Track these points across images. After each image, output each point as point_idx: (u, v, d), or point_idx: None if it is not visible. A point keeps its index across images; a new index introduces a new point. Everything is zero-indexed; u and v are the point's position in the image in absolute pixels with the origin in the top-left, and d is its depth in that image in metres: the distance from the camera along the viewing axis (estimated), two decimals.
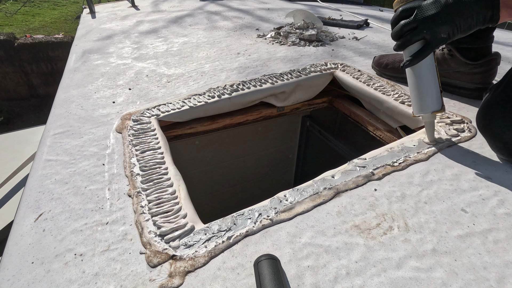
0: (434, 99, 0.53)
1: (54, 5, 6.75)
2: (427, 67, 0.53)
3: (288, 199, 0.47)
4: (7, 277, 0.38)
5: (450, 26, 0.49)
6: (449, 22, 0.48)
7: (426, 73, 0.53)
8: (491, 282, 0.36)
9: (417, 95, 0.54)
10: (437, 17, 0.49)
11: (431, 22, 0.49)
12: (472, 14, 0.47)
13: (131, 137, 0.61)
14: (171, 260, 0.39)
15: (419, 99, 0.54)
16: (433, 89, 0.53)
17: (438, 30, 0.49)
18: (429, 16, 0.49)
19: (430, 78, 0.53)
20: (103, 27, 1.39)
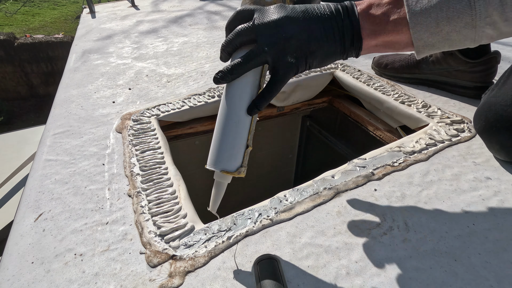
0: (226, 156, 0.37)
1: (54, 5, 6.75)
2: (235, 117, 0.36)
3: (288, 199, 0.47)
4: (7, 277, 0.38)
5: (301, 47, 0.33)
6: (301, 42, 0.33)
7: (230, 123, 0.36)
8: (491, 282, 0.36)
9: (212, 144, 0.38)
10: (281, 29, 0.33)
11: (274, 33, 0.33)
12: (324, 38, 0.34)
13: (131, 137, 0.61)
14: (171, 260, 0.39)
15: (211, 150, 0.38)
16: (231, 145, 0.37)
17: (285, 47, 0.33)
18: (269, 23, 0.33)
19: (237, 127, 0.36)
20: (103, 27, 1.39)
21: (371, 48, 0.36)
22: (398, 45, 0.35)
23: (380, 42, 0.35)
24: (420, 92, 0.77)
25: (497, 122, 0.50)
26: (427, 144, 0.57)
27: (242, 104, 0.36)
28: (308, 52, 0.34)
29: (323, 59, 0.36)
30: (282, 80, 0.35)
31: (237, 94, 0.36)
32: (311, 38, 0.34)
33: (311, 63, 0.35)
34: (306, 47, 0.34)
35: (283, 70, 0.35)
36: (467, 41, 0.33)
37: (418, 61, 0.78)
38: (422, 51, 0.35)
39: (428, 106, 0.69)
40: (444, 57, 0.73)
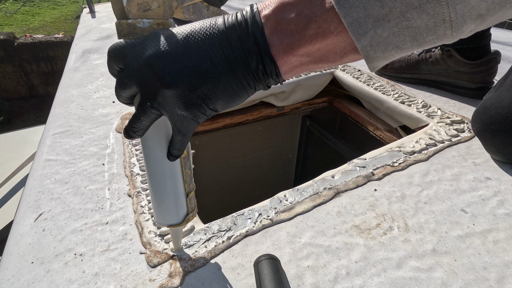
0: (168, 212, 0.35)
1: (54, 4, 6.74)
2: (161, 170, 0.32)
3: (288, 199, 0.47)
4: (7, 277, 0.38)
5: (185, 96, 0.25)
6: (182, 88, 0.25)
7: (160, 175, 0.33)
8: (491, 282, 0.36)
9: (152, 201, 0.35)
10: (155, 75, 0.25)
11: (149, 83, 0.26)
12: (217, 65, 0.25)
13: None
14: (171, 260, 0.39)
15: (153, 207, 0.36)
16: (168, 200, 0.34)
17: (166, 101, 0.26)
18: (142, 71, 0.26)
19: (166, 185, 0.33)
20: (103, 26, 1.39)
21: (294, 68, 0.26)
22: (333, 55, 0.24)
23: (305, 57, 0.25)
24: (420, 92, 0.77)
25: (492, 124, 0.51)
26: (427, 144, 0.57)
27: (161, 156, 0.31)
28: (200, 99, 0.25)
29: (227, 101, 0.27)
30: (184, 134, 0.29)
31: (151, 149, 0.31)
32: (197, 81, 0.25)
33: (213, 108, 0.27)
34: (193, 94, 0.25)
35: (178, 123, 0.28)
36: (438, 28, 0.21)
37: (418, 62, 0.78)
38: (373, 55, 0.23)
39: (428, 106, 0.69)
40: (443, 59, 0.73)
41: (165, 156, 0.31)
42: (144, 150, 0.32)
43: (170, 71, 0.25)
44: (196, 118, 0.27)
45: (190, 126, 0.28)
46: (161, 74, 0.25)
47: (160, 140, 0.31)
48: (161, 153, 0.31)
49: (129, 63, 0.26)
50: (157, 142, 0.31)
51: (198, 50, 0.25)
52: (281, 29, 0.24)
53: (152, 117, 0.28)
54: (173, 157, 0.31)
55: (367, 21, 0.21)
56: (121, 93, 0.28)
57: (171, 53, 0.25)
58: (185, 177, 0.34)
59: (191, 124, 0.28)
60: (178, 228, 0.37)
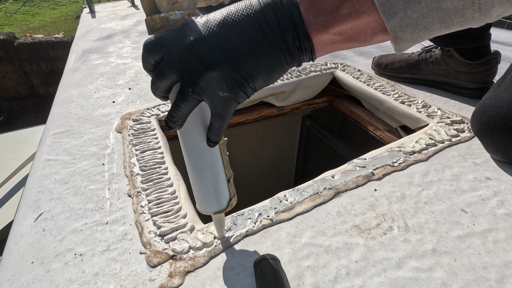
0: (214, 198, 0.36)
1: (54, 4, 6.75)
2: (202, 156, 0.33)
3: (288, 199, 0.47)
4: (7, 277, 0.38)
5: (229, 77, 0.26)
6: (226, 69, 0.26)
7: (202, 164, 0.34)
8: (491, 282, 0.36)
9: (193, 189, 0.37)
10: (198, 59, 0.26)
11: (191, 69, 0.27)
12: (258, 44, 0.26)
13: (131, 137, 0.61)
14: (171, 260, 0.39)
15: (195, 195, 0.37)
16: (213, 186, 0.35)
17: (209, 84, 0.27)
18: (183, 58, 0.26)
19: (210, 170, 0.34)
20: (103, 26, 1.39)
21: (327, 46, 0.27)
22: (364, 34, 0.26)
23: (337, 35, 0.26)
24: (420, 92, 0.77)
25: (491, 124, 0.51)
26: (427, 144, 0.57)
27: (201, 144, 0.32)
28: (242, 78, 0.27)
29: (266, 79, 0.28)
30: (223, 117, 0.29)
31: (191, 138, 0.32)
32: (239, 59, 0.26)
33: (252, 87, 0.28)
34: (236, 73, 0.26)
35: (219, 107, 0.28)
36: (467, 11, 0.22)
37: (418, 62, 0.78)
38: (401, 36, 0.24)
39: (428, 106, 0.69)
40: (444, 59, 0.73)
41: (205, 144, 0.32)
42: (184, 140, 0.33)
43: (212, 53, 0.26)
44: (237, 98, 0.28)
45: (231, 108, 0.29)
46: (204, 57, 0.26)
47: (199, 128, 0.31)
48: (201, 141, 0.32)
49: (169, 53, 0.27)
50: (196, 130, 0.31)
51: (237, 30, 0.26)
52: (316, 7, 0.25)
53: (192, 103, 0.29)
54: (213, 143, 0.32)
55: (398, 2, 0.22)
56: (159, 85, 0.29)
57: (211, 36, 0.26)
58: (225, 163, 0.35)
59: (232, 106, 0.29)
60: (221, 215, 0.38)
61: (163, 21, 0.28)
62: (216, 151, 0.34)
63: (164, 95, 0.30)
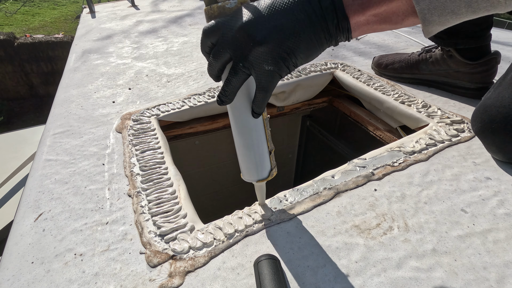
0: (258, 166, 0.40)
1: (54, 4, 6.75)
2: (248, 126, 0.38)
3: (288, 199, 0.47)
4: (7, 277, 0.38)
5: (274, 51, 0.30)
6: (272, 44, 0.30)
7: (247, 134, 0.38)
8: (491, 282, 0.36)
9: (239, 159, 0.42)
10: (248, 37, 0.30)
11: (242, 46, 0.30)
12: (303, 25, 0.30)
13: (131, 137, 0.61)
14: (171, 260, 0.39)
15: (240, 164, 0.42)
16: (257, 155, 0.39)
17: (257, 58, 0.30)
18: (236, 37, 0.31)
19: (254, 140, 0.38)
20: (103, 26, 1.39)
21: (362, 26, 0.30)
22: (396, 16, 0.29)
23: (372, 16, 0.29)
24: (420, 92, 0.77)
25: (492, 123, 0.50)
26: (427, 144, 0.57)
27: (248, 116, 0.37)
28: (286, 53, 0.30)
29: (307, 54, 0.31)
30: (266, 90, 0.33)
31: (239, 111, 0.36)
32: (283, 36, 0.29)
33: (294, 62, 0.31)
34: (280, 49, 0.30)
35: (264, 80, 0.32)
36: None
37: (418, 62, 0.78)
38: (429, 19, 0.27)
39: (428, 106, 0.69)
40: (444, 59, 0.73)
41: (250, 116, 0.36)
42: (233, 114, 0.37)
43: (261, 31, 0.30)
44: (280, 71, 0.31)
45: (273, 82, 0.32)
46: (254, 34, 0.30)
47: (245, 102, 0.36)
48: (247, 113, 0.36)
49: (223, 34, 0.31)
50: (243, 104, 0.36)
51: (284, 11, 0.30)
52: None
53: (242, 77, 0.32)
54: (257, 114, 0.35)
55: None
56: (215, 65, 0.33)
57: (260, 18, 0.30)
58: (267, 136, 0.40)
59: (275, 79, 0.32)
60: (263, 183, 0.43)
61: (220, 10, 0.32)
62: (260, 124, 0.38)
63: (219, 75, 0.34)
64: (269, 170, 0.42)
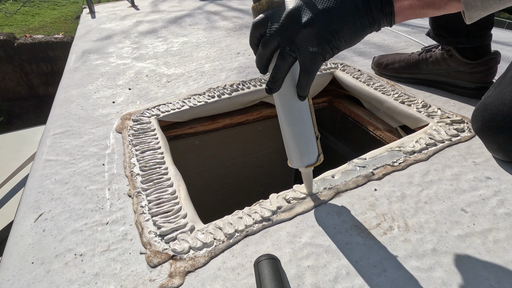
0: (305, 152, 0.42)
1: (54, 5, 6.75)
2: (295, 112, 0.40)
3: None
4: (7, 277, 0.38)
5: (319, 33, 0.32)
6: (317, 26, 0.32)
7: (294, 120, 0.40)
8: (491, 282, 0.36)
9: (285, 144, 0.44)
10: (295, 21, 0.32)
11: (289, 30, 0.33)
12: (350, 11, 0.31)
13: (131, 137, 0.61)
14: (171, 260, 0.39)
15: (287, 149, 0.44)
16: (304, 140, 0.41)
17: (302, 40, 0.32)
18: (284, 22, 0.33)
19: (301, 126, 0.40)
20: (102, 27, 1.39)
21: (405, 11, 0.31)
22: (439, 1, 0.29)
23: (416, 1, 0.30)
24: (420, 92, 0.77)
25: (493, 122, 0.50)
26: (427, 144, 0.57)
27: (294, 101, 0.39)
28: (330, 35, 0.32)
29: (350, 37, 0.32)
30: (310, 72, 0.34)
31: (286, 97, 0.39)
32: (328, 19, 0.31)
33: (337, 45, 0.32)
34: (325, 30, 0.31)
35: (308, 62, 0.33)
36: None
37: (418, 62, 0.78)
38: (472, 4, 0.27)
39: (428, 106, 0.69)
40: (444, 59, 0.73)
41: (297, 100, 0.38)
42: (281, 101, 0.39)
43: (307, 14, 0.32)
44: (324, 53, 0.33)
45: (316, 64, 0.34)
46: (300, 17, 0.32)
47: (291, 88, 0.38)
48: (294, 98, 0.38)
49: (272, 23, 0.33)
50: (289, 90, 0.38)
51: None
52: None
53: (289, 61, 0.34)
54: (302, 97, 0.37)
55: None
56: (263, 54, 0.35)
57: (307, 2, 0.32)
58: (314, 123, 0.41)
59: (318, 61, 0.33)
60: (310, 171, 0.44)
61: (268, 4, 0.35)
62: (306, 110, 0.40)
63: (267, 64, 0.36)
64: (317, 155, 0.43)
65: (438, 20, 0.71)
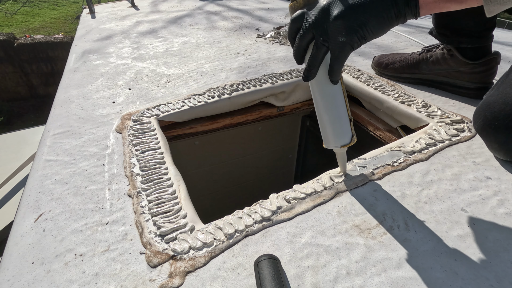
0: (340, 132, 0.46)
1: (54, 5, 6.75)
2: (329, 96, 0.44)
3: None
4: (7, 277, 0.38)
5: (348, 24, 0.36)
6: (347, 18, 0.35)
7: (329, 103, 0.44)
8: (491, 282, 0.36)
9: (321, 126, 0.47)
10: (327, 14, 0.36)
11: (322, 22, 0.37)
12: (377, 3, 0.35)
13: (131, 137, 0.61)
14: (171, 260, 0.39)
15: (323, 130, 0.47)
16: (339, 121, 0.45)
17: (333, 31, 0.36)
18: (317, 16, 0.37)
19: (335, 108, 0.44)
20: (102, 27, 1.39)
21: (430, 4, 0.33)
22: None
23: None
24: (420, 92, 0.77)
25: (495, 121, 0.50)
26: (427, 143, 0.57)
27: (328, 85, 0.42)
28: (358, 26, 0.35)
29: (377, 29, 0.36)
30: (339, 60, 0.38)
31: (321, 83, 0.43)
32: (357, 12, 0.34)
33: (364, 36, 0.36)
34: (354, 22, 0.35)
35: (338, 50, 0.37)
36: None
37: (418, 62, 0.78)
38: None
39: (428, 106, 0.69)
40: (444, 58, 0.73)
41: (330, 85, 0.42)
42: (317, 86, 0.43)
43: (338, 8, 0.35)
44: (352, 42, 0.36)
45: (345, 52, 0.37)
46: (332, 11, 0.36)
47: (324, 75, 0.41)
48: (327, 84, 0.42)
49: (308, 17, 0.38)
50: (323, 76, 0.42)
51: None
52: None
53: (323, 50, 0.38)
54: (334, 82, 0.41)
55: None
56: (300, 46, 0.39)
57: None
58: (347, 106, 0.45)
59: (346, 49, 0.37)
60: (344, 151, 0.48)
61: (304, 2, 0.40)
62: (340, 94, 0.44)
63: (303, 55, 0.41)
64: (350, 136, 0.46)
65: (442, 19, 0.71)
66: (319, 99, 0.44)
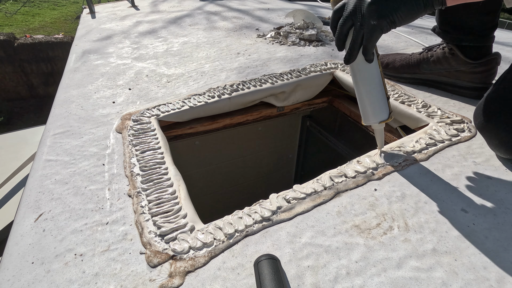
0: (378, 109, 0.50)
1: (54, 5, 6.75)
2: (368, 75, 0.48)
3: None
4: (7, 277, 0.38)
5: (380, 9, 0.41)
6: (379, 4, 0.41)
7: (368, 82, 0.49)
8: (491, 282, 0.36)
9: (361, 104, 0.51)
10: (364, 1, 0.42)
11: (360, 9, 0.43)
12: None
13: (131, 137, 0.61)
14: (171, 260, 0.39)
15: (363, 108, 0.51)
16: (377, 99, 0.49)
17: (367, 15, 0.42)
18: (355, 5, 0.43)
19: (374, 87, 0.49)
20: (103, 27, 1.39)
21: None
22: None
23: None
24: (420, 92, 0.77)
25: (496, 117, 0.50)
26: (427, 144, 0.57)
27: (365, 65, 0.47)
28: (388, 12, 0.41)
29: (406, 16, 0.41)
30: (371, 40, 0.43)
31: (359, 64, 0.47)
32: None
33: (394, 20, 0.41)
34: (385, 8, 0.41)
35: (369, 33, 0.42)
36: None
37: (419, 61, 0.78)
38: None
39: (428, 106, 0.69)
40: (445, 57, 0.73)
41: (367, 64, 0.47)
42: (357, 67, 0.48)
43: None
44: (381, 26, 0.42)
45: (376, 34, 0.43)
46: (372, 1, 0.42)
47: (360, 56, 0.46)
48: (364, 64, 0.47)
49: (347, 7, 0.44)
50: (360, 58, 0.46)
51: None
52: None
53: (361, 34, 0.43)
54: (368, 60, 0.46)
55: None
56: (341, 33, 0.45)
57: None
58: (385, 86, 0.49)
59: (377, 32, 0.42)
60: (382, 127, 0.52)
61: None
62: (377, 74, 0.48)
63: (344, 40, 0.46)
64: (388, 112, 0.50)
65: (446, 16, 0.71)
66: (359, 79, 0.49)
